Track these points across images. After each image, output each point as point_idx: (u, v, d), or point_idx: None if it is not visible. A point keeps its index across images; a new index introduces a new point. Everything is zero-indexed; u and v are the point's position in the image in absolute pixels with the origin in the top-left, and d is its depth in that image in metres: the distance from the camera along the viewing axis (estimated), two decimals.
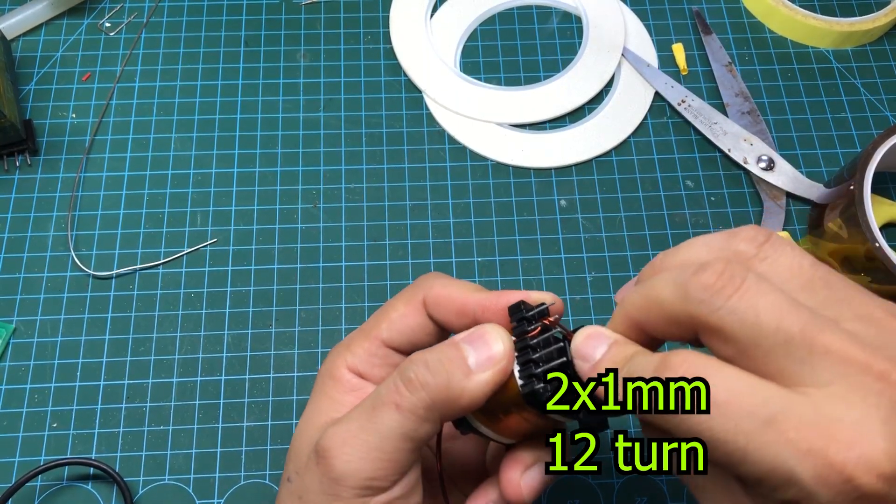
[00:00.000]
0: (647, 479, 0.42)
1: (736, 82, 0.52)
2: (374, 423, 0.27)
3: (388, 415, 0.27)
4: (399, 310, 0.32)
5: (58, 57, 0.53)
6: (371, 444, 0.27)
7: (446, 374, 0.27)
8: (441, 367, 0.28)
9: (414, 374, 0.27)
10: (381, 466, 0.27)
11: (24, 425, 0.42)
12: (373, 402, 0.28)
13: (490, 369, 0.27)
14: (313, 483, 0.28)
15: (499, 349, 0.28)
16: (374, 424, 0.27)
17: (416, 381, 0.27)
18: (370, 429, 0.27)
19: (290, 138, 0.51)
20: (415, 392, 0.27)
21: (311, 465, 0.28)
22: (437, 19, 0.55)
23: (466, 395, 0.27)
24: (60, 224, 0.48)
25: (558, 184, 0.50)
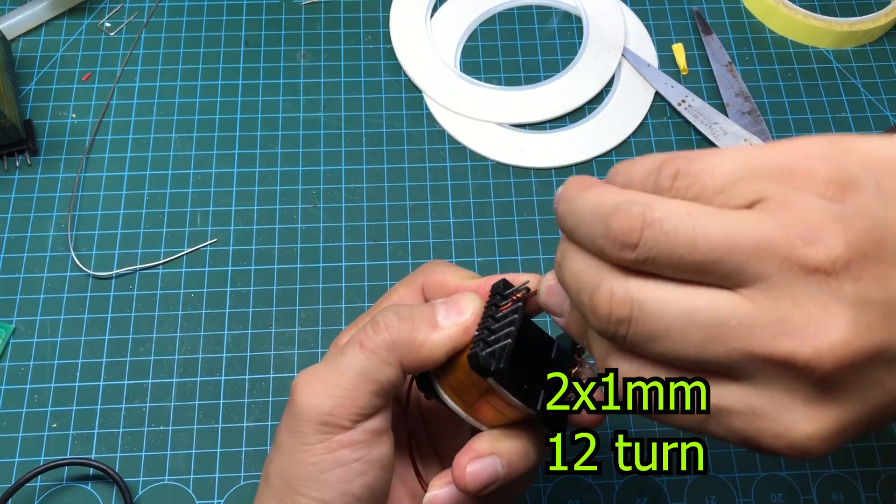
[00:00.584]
0: (647, 479, 0.42)
1: (736, 82, 0.52)
2: (337, 361, 0.29)
3: (352, 353, 0.29)
4: (399, 292, 0.33)
5: (58, 57, 0.53)
6: (331, 380, 0.28)
7: (413, 321, 0.29)
8: (409, 316, 0.29)
9: (381, 317, 0.29)
10: (340, 403, 0.28)
11: (23, 425, 0.42)
12: (344, 346, 0.29)
13: (453, 326, 0.29)
14: (283, 425, 0.29)
15: (467, 312, 0.29)
16: (338, 362, 0.29)
17: (382, 323, 0.29)
18: (333, 366, 0.29)
19: (290, 138, 0.51)
20: (379, 333, 0.29)
21: (285, 409, 0.29)
22: (437, 19, 0.55)
23: (427, 344, 0.28)
24: (60, 224, 0.48)
25: (558, 184, 0.49)
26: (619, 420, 0.43)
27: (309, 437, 0.28)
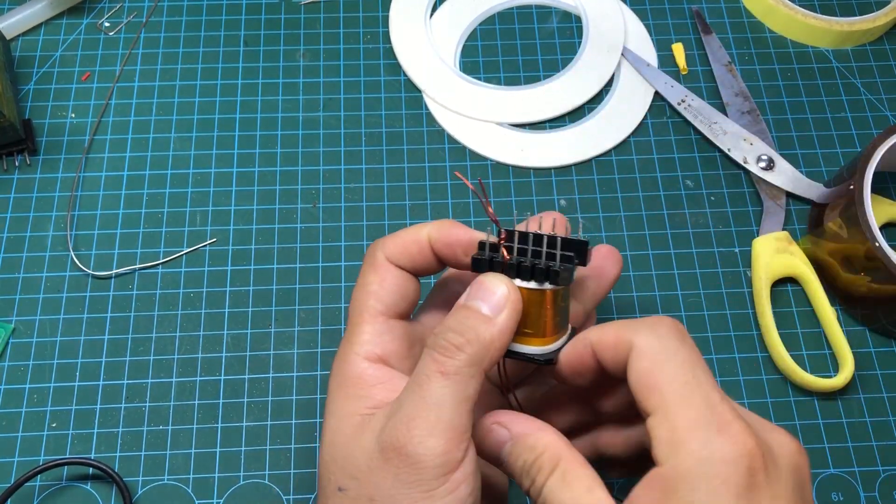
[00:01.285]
0: None
1: (736, 82, 0.52)
2: (425, 398, 0.28)
3: (437, 384, 0.28)
4: (373, 280, 0.33)
5: (57, 57, 0.53)
6: (431, 418, 0.28)
7: (472, 329, 0.29)
8: (465, 326, 0.29)
9: (445, 341, 0.29)
10: (450, 437, 0.28)
11: (23, 425, 0.42)
12: (417, 382, 0.29)
13: (505, 308, 0.29)
14: (385, 479, 0.28)
15: (503, 291, 0.30)
16: (427, 399, 0.28)
17: (450, 345, 0.28)
18: (426, 405, 0.28)
19: (289, 138, 0.51)
20: (454, 355, 0.28)
21: (375, 464, 0.28)
22: (437, 19, 0.55)
23: (497, 339, 0.29)
24: (59, 224, 0.48)
25: (558, 183, 0.49)
26: None
27: (430, 482, 0.27)
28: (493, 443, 0.30)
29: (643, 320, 0.30)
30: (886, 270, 0.41)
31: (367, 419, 0.30)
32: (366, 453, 0.29)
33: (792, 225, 0.48)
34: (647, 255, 0.47)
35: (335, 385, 0.32)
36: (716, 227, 0.48)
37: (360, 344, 0.32)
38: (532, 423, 0.30)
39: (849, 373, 0.43)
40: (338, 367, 0.32)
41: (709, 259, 0.47)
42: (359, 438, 0.29)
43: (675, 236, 0.48)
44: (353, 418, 0.30)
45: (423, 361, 0.29)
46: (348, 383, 0.31)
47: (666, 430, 0.27)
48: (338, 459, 0.30)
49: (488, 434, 0.30)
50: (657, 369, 0.28)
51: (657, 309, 0.46)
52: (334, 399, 0.32)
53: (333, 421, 0.31)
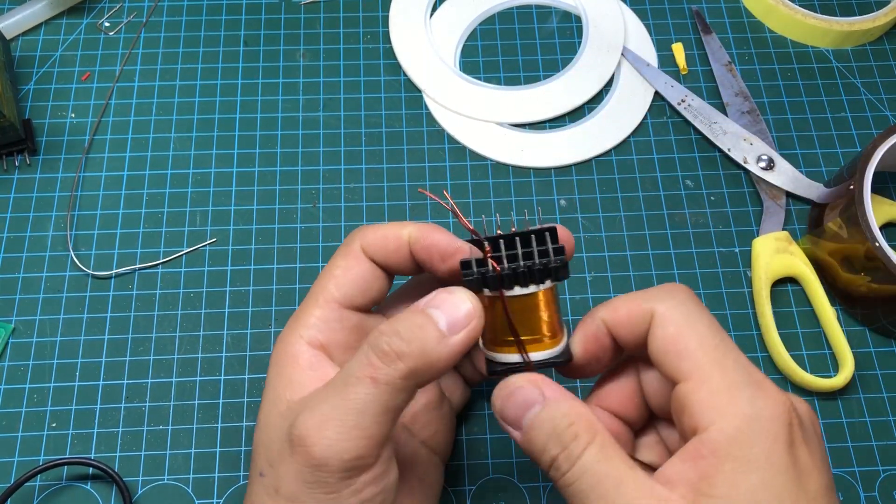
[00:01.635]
0: None
1: (736, 82, 0.52)
2: (349, 400, 0.26)
3: (364, 390, 0.26)
4: (340, 265, 0.32)
5: (57, 56, 0.53)
6: (349, 423, 0.26)
7: (420, 341, 0.27)
8: (414, 335, 0.27)
9: (387, 345, 0.27)
10: (363, 444, 0.26)
11: (22, 425, 0.42)
12: (344, 380, 0.27)
13: (465, 329, 0.28)
14: (289, 473, 0.27)
15: (467, 308, 0.28)
16: (350, 402, 0.26)
17: (392, 351, 0.27)
18: (346, 407, 0.26)
19: (289, 138, 0.51)
20: (391, 363, 0.27)
21: (284, 456, 0.27)
22: (437, 19, 0.55)
23: (444, 360, 0.27)
24: (59, 224, 0.48)
25: (558, 183, 0.49)
26: None
27: (333, 485, 0.27)
28: (519, 402, 0.28)
29: (657, 288, 0.29)
30: (886, 270, 0.41)
31: (289, 408, 0.29)
32: (280, 442, 0.28)
33: (792, 225, 0.48)
34: (647, 255, 0.47)
35: (272, 363, 0.31)
36: (716, 227, 0.48)
37: (306, 327, 0.31)
38: (566, 391, 0.28)
39: (849, 373, 0.43)
40: (279, 345, 0.31)
41: (709, 259, 0.47)
42: (279, 426, 0.28)
43: (675, 236, 0.48)
44: (280, 404, 0.29)
45: (357, 360, 0.27)
46: (284, 363, 0.30)
47: (706, 393, 0.26)
48: (263, 442, 0.29)
49: (516, 392, 0.28)
50: (685, 335, 0.27)
51: None
52: (269, 380, 0.31)
53: (265, 401, 0.30)
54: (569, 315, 0.46)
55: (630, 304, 0.29)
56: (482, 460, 0.42)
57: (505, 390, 0.28)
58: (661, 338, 0.28)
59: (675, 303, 0.28)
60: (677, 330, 0.27)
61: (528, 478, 0.42)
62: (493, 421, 0.43)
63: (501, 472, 0.42)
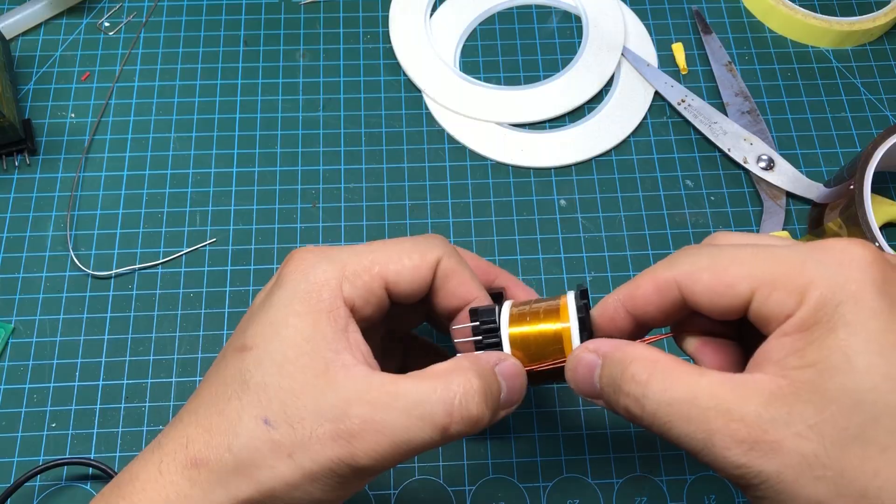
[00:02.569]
0: (647, 478, 0.42)
1: (736, 82, 0.52)
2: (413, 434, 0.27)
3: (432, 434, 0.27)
4: (414, 261, 0.31)
5: (57, 56, 0.53)
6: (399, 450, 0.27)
7: (494, 410, 0.28)
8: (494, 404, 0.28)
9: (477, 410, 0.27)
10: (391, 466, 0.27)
11: (22, 425, 0.42)
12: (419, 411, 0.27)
13: (510, 408, 0.30)
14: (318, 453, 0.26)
15: (521, 395, 0.30)
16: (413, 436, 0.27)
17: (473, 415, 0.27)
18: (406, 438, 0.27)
19: (289, 138, 0.51)
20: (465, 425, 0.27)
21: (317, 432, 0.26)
22: (437, 19, 0.55)
23: (482, 427, 0.28)
24: (59, 224, 0.48)
25: (558, 183, 0.49)
26: None
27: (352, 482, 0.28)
28: (584, 373, 0.28)
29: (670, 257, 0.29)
30: None
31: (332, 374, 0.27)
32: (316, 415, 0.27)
33: (792, 225, 0.48)
34: (647, 255, 0.47)
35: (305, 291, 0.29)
36: (716, 227, 0.48)
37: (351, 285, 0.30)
38: (621, 341, 0.28)
39: None
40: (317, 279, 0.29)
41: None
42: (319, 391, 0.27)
43: (675, 236, 0.48)
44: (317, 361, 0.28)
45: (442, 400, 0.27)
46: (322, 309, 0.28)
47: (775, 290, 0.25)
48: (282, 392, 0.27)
49: (578, 366, 0.28)
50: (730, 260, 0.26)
51: None
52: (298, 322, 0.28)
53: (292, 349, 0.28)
54: None
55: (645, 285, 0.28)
56: (482, 460, 0.42)
57: (571, 368, 0.29)
58: (702, 289, 0.27)
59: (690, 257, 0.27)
60: (711, 272, 0.26)
61: (528, 478, 0.42)
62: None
63: (501, 472, 0.42)
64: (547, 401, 0.43)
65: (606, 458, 0.42)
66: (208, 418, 0.28)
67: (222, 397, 0.28)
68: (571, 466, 0.42)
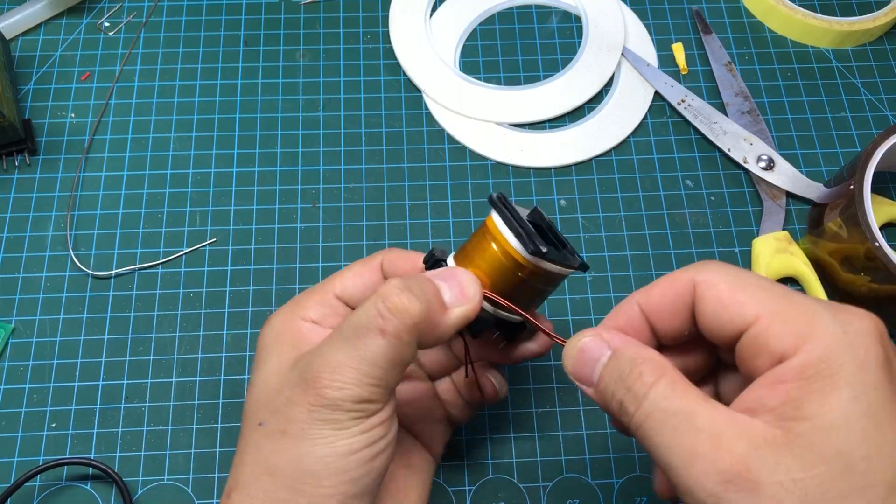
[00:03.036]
0: (646, 478, 0.42)
1: (736, 82, 0.52)
2: (360, 349, 0.28)
3: (375, 341, 0.28)
4: (354, 270, 0.34)
5: (57, 56, 0.53)
6: (362, 370, 0.28)
7: (427, 301, 0.29)
8: (423, 295, 0.29)
9: (398, 299, 0.29)
10: (374, 390, 0.28)
11: (22, 425, 0.42)
12: (355, 330, 0.29)
13: (464, 305, 0.30)
14: (301, 413, 0.28)
15: (472, 290, 0.30)
16: (361, 351, 0.28)
17: (401, 305, 0.28)
18: (358, 356, 0.28)
19: (289, 138, 0.51)
20: (399, 317, 0.28)
21: (295, 398, 0.29)
22: (437, 19, 0.55)
23: (442, 326, 0.30)
24: (59, 224, 0.48)
25: (558, 183, 0.49)
26: None
27: (344, 423, 0.28)
28: (587, 358, 0.29)
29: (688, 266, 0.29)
30: (886, 270, 0.41)
31: (301, 358, 0.30)
32: (288, 388, 0.29)
33: (792, 225, 0.48)
34: (647, 255, 0.47)
35: (266, 339, 0.33)
36: (716, 227, 0.48)
37: (304, 309, 0.33)
38: (632, 339, 0.29)
39: None
40: (277, 324, 0.33)
41: (709, 259, 0.47)
42: (286, 375, 0.30)
43: (675, 236, 0.48)
44: (286, 362, 0.31)
45: (366, 311, 0.29)
46: (285, 334, 0.32)
47: (781, 325, 0.25)
48: (262, 398, 0.30)
49: (584, 349, 0.29)
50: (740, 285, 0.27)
51: None
52: (269, 348, 0.32)
53: (264, 367, 0.31)
54: (568, 315, 0.46)
55: (664, 282, 0.29)
56: (482, 460, 0.42)
57: (574, 349, 0.29)
58: (714, 297, 0.27)
59: (714, 267, 0.28)
60: (729, 285, 0.27)
61: (528, 478, 0.42)
62: (493, 421, 0.43)
63: (501, 472, 0.42)
64: (547, 401, 0.43)
65: (606, 458, 0.42)
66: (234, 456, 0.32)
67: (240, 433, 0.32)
68: (571, 466, 0.42)
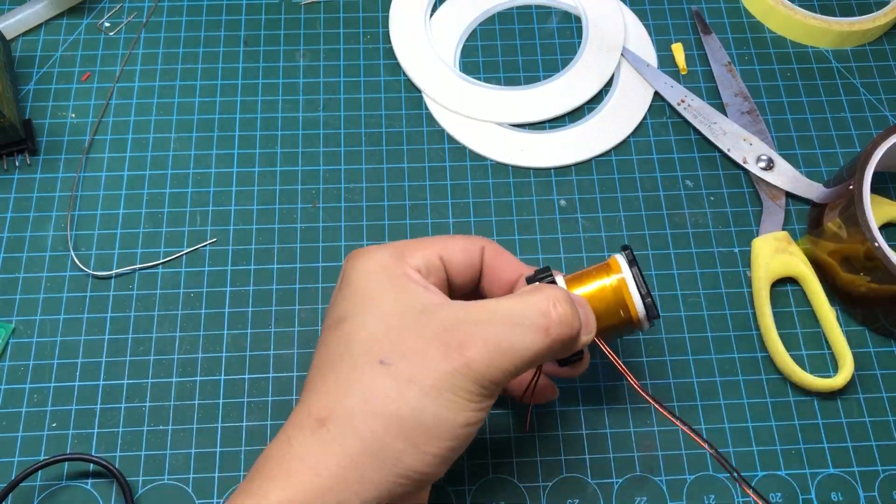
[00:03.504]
0: (646, 478, 0.42)
1: (735, 82, 0.52)
2: (517, 337, 0.29)
3: (536, 336, 0.30)
4: (458, 244, 0.35)
5: (57, 57, 0.53)
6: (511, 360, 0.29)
7: (581, 322, 0.31)
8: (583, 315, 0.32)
9: (569, 309, 0.31)
10: (509, 378, 0.30)
11: (22, 425, 0.42)
12: (518, 318, 0.30)
13: (589, 335, 0.33)
14: (437, 371, 0.29)
15: (594, 324, 0.33)
16: (517, 342, 0.29)
17: (569, 316, 0.30)
18: (512, 343, 0.29)
19: (289, 138, 0.51)
20: (565, 326, 0.30)
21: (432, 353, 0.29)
22: (437, 19, 0.55)
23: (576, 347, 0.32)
24: (60, 224, 0.48)
25: (558, 183, 0.50)
26: None
27: (475, 396, 0.29)
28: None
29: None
30: (886, 270, 0.41)
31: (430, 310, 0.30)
32: (421, 338, 0.29)
33: (791, 225, 0.48)
34: (647, 255, 0.47)
35: (379, 274, 0.32)
36: (715, 227, 0.48)
37: (412, 257, 0.33)
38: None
39: (848, 373, 0.43)
40: (385, 261, 0.32)
41: (708, 259, 0.47)
42: (422, 325, 0.30)
43: (675, 236, 0.48)
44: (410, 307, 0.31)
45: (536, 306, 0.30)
46: (398, 279, 0.32)
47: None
48: (382, 336, 0.30)
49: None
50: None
51: None
52: (379, 284, 0.32)
53: (381, 303, 0.31)
54: None
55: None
56: (482, 460, 0.42)
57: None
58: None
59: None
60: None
61: (528, 478, 0.42)
62: (492, 421, 0.43)
63: (501, 472, 0.42)
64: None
65: (606, 458, 0.42)
66: (324, 384, 0.30)
67: (331, 363, 0.31)
68: (571, 466, 0.42)
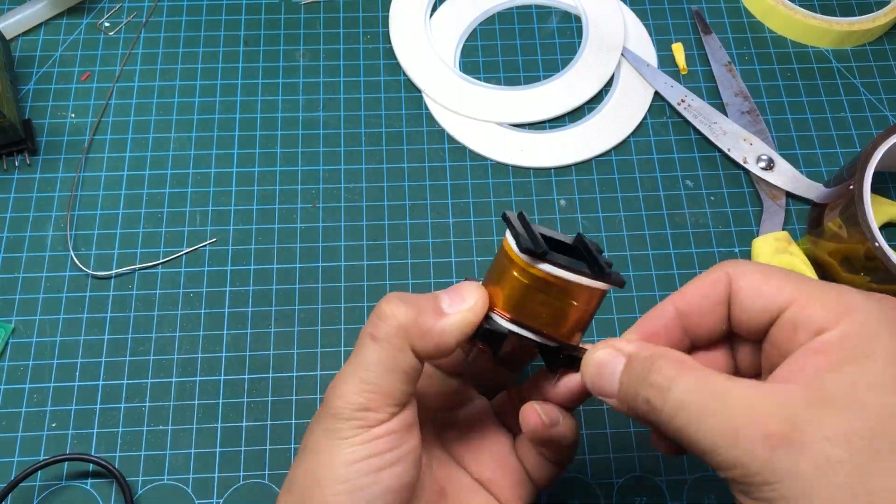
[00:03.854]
0: (646, 478, 0.42)
1: (735, 82, 0.52)
2: (357, 358, 0.30)
3: (367, 346, 0.29)
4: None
5: (57, 57, 0.53)
6: (358, 377, 0.29)
7: (417, 307, 0.30)
8: (414, 302, 0.30)
9: (387, 306, 0.30)
10: (372, 397, 0.29)
11: (23, 425, 0.42)
12: (356, 344, 0.30)
13: (460, 313, 0.30)
14: (316, 428, 0.30)
15: (470, 299, 0.30)
16: (358, 359, 0.30)
17: (388, 311, 0.30)
18: (355, 364, 0.30)
19: (289, 138, 0.51)
20: (386, 321, 0.29)
21: (315, 417, 0.30)
22: (437, 19, 0.55)
23: (436, 330, 0.29)
24: (59, 224, 0.48)
25: (558, 183, 0.49)
26: None
27: (345, 431, 0.29)
28: (604, 372, 0.29)
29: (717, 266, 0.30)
30: (886, 270, 0.41)
31: None
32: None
33: (792, 225, 0.48)
34: (647, 255, 0.47)
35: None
36: (716, 227, 0.48)
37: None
38: (646, 343, 0.29)
39: None
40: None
41: (709, 259, 0.47)
42: None
43: (675, 236, 0.48)
44: None
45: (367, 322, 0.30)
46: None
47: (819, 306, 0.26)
48: None
49: (601, 367, 0.29)
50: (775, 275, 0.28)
51: None
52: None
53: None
54: None
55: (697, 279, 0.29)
56: None
57: (592, 368, 0.29)
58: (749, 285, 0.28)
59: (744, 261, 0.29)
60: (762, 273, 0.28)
61: None
62: None
63: None
64: None
65: (606, 458, 0.42)
66: None
67: None
68: (571, 466, 0.42)
